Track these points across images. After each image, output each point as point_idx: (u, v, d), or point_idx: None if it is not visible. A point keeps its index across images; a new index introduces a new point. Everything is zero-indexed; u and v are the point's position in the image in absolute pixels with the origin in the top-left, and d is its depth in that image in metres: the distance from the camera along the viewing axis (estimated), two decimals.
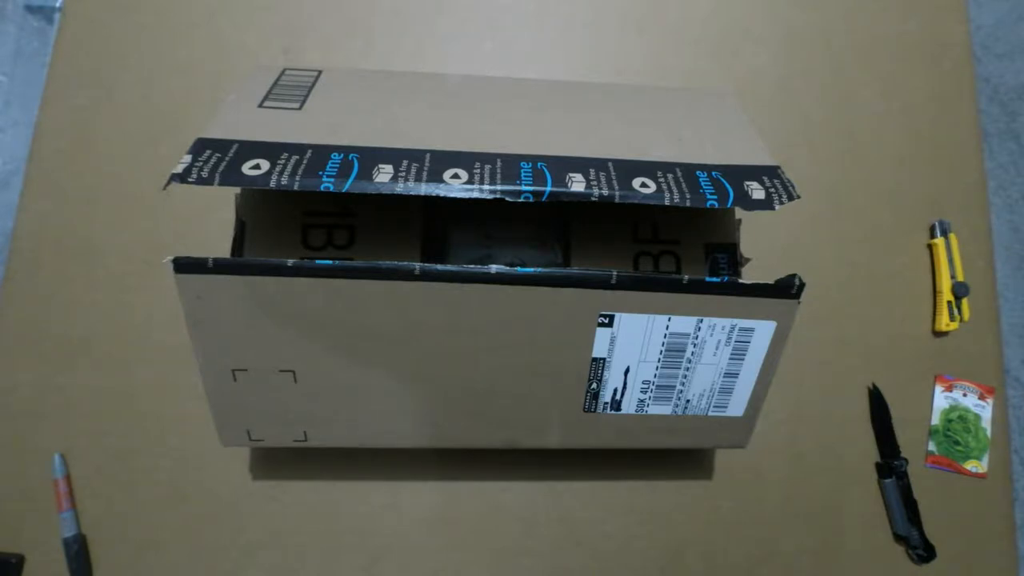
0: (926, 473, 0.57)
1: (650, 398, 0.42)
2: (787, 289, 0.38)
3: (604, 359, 0.40)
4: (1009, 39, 1.20)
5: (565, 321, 0.38)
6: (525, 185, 0.35)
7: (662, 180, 0.37)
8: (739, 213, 0.48)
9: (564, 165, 0.37)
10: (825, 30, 0.64)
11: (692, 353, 0.41)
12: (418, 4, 0.61)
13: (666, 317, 0.39)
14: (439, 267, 0.36)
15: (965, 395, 0.58)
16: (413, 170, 0.35)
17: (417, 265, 0.35)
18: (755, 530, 0.54)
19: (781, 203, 0.36)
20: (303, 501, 0.51)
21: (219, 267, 0.35)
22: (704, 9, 0.64)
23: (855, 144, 0.62)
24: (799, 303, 0.39)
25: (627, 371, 0.41)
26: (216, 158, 0.34)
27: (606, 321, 0.39)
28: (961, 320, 0.58)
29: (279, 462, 0.51)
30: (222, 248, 0.43)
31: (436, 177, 0.35)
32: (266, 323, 0.37)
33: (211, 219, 0.52)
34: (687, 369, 0.41)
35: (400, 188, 0.34)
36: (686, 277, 0.37)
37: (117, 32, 0.57)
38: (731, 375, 0.42)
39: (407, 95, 0.44)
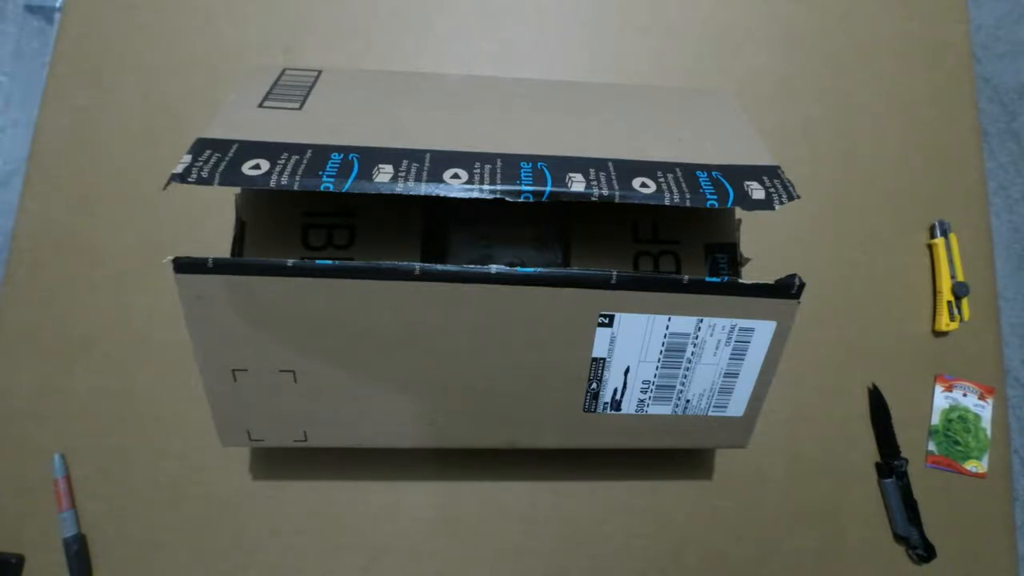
0: (926, 473, 0.57)
1: (650, 398, 0.42)
2: (787, 289, 0.38)
3: (604, 359, 0.40)
4: (1009, 39, 1.20)
5: (565, 321, 0.38)
6: (525, 185, 0.35)
7: (662, 180, 0.37)
8: (739, 213, 0.48)
9: (564, 165, 0.37)
10: (825, 30, 0.64)
11: (692, 353, 0.41)
12: (418, 4, 0.61)
13: (666, 317, 0.39)
14: (439, 267, 0.36)
15: (965, 395, 0.58)
16: (413, 170, 0.35)
17: (417, 265, 0.35)
18: (755, 530, 0.54)
19: (781, 203, 0.36)
20: (303, 501, 0.51)
21: (219, 267, 0.35)
22: (704, 9, 0.64)
23: (855, 144, 0.62)
24: (799, 303, 0.39)
25: (627, 371, 0.41)
26: (216, 158, 0.34)
27: (606, 321, 0.39)
28: (961, 320, 0.58)
29: (279, 462, 0.51)
30: (222, 248, 0.43)
31: (436, 177, 0.35)
32: (266, 323, 0.37)
33: (211, 219, 0.52)
34: (687, 369, 0.41)
35: (400, 188, 0.34)
36: (686, 277, 0.37)
37: (117, 32, 0.57)
38: (731, 375, 0.42)
39: (407, 95, 0.44)
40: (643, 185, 0.36)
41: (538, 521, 0.52)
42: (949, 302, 0.58)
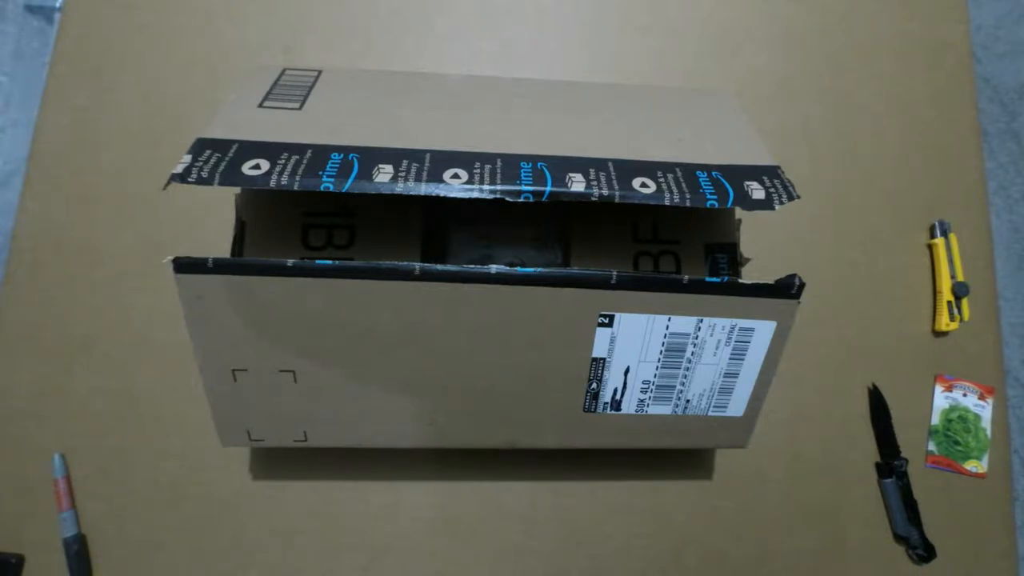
0: (926, 473, 0.57)
1: (650, 398, 0.42)
2: (787, 289, 0.38)
3: (604, 359, 0.40)
4: (1009, 39, 1.20)
5: (565, 321, 0.38)
6: (525, 185, 0.35)
7: (662, 180, 0.37)
8: (739, 213, 0.48)
9: (564, 165, 0.37)
10: (825, 30, 0.64)
11: (692, 353, 0.41)
12: (418, 4, 0.61)
13: (666, 317, 0.39)
14: (439, 267, 0.36)
15: (965, 395, 0.58)
16: (413, 170, 0.35)
17: (417, 265, 0.35)
18: (755, 530, 0.54)
19: (781, 203, 0.36)
20: (303, 501, 0.51)
21: (219, 267, 0.35)
22: (704, 9, 0.64)
23: (855, 144, 0.62)
24: (799, 303, 0.39)
25: (627, 371, 0.41)
26: (216, 158, 0.34)
27: (606, 321, 0.39)
28: (961, 320, 0.58)
29: (279, 462, 0.51)
30: (222, 248, 0.43)
31: (436, 177, 0.35)
32: (266, 323, 0.37)
33: (211, 219, 0.52)
34: (687, 369, 0.41)
35: (400, 188, 0.34)
36: (686, 277, 0.37)
37: (117, 32, 0.57)
38: (731, 375, 0.42)
39: (407, 95, 0.44)
40: (643, 185, 0.36)
41: (538, 521, 0.52)
42: (949, 302, 0.58)
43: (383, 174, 0.35)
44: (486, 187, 0.35)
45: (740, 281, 0.38)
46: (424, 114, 0.42)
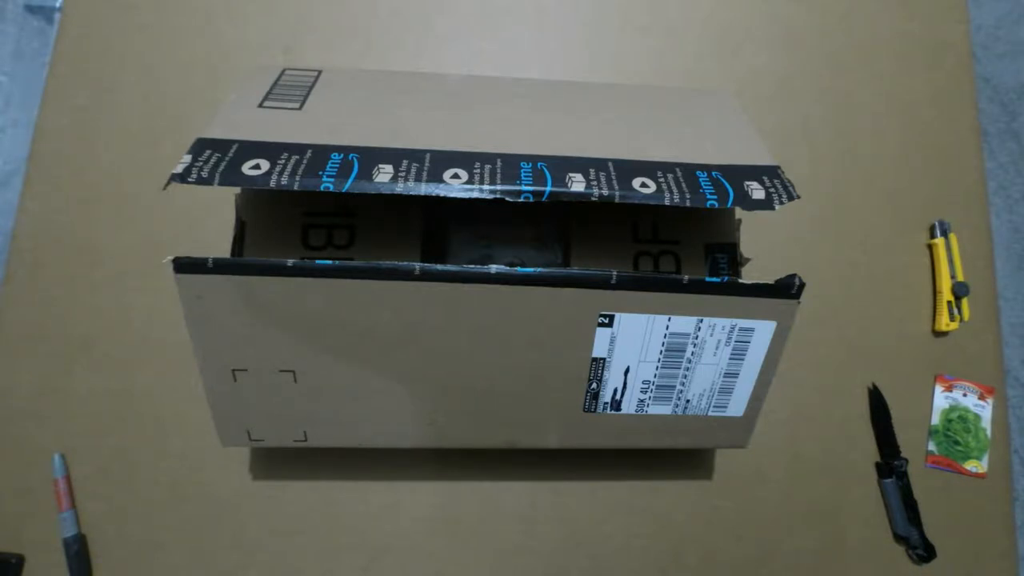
0: (926, 473, 0.57)
1: (650, 398, 0.42)
2: (787, 289, 0.38)
3: (604, 359, 0.40)
4: (1009, 39, 1.20)
5: (565, 321, 0.38)
6: (525, 185, 0.35)
7: (662, 180, 0.37)
8: (739, 213, 0.48)
9: (564, 165, 0.37)
10: (825, 30, 0.64)
11: (692, 353, 0.41)
12: (418, 4, 0.61)
13: (666, 317, 0.39)
14: (439, 267, 0.36)
15: (965, 395, 0.58)
16: (413, 170, 0.35)
17: (417, 265, 0.35)
18: (755, 530, 0.54)
19: (781, 203, 0.36)
20: (303, 501, 0.51)
21: (219, 267, 0.35)
22: (704, 9, 0.64)
23: (855, 144, 0.62)
24: (799, 303, 0.39)
25: (627, 371, 0.41)
26: (216, 158, 0.34)
27: (606, 321, 0.39)
28: (961, 320, 0.58)
29: (279, 462, 0.51)
30: (222, 248, 0.43)
31: (436, 177, 0.35)
32: (266, 323, 0.37)
33: (211, 219, 0.52)
34: (687, 369, 0.41)
35: (400, 188, 0.34)
36: (686, 277, 0.37)
37: (117, 32, 0.57)
38: (731, 375, 0.42)
39: (407, 95, 0.44)
40: (643, 185, 0.36)
41: (538, 521, 0.52)
42: (949, 302, 0.58)
43: (383, 174, 0.35)
44: (486, 187, 0.35)
45: (740, 281, 0.38)
46: (424, 114, 0.42)
